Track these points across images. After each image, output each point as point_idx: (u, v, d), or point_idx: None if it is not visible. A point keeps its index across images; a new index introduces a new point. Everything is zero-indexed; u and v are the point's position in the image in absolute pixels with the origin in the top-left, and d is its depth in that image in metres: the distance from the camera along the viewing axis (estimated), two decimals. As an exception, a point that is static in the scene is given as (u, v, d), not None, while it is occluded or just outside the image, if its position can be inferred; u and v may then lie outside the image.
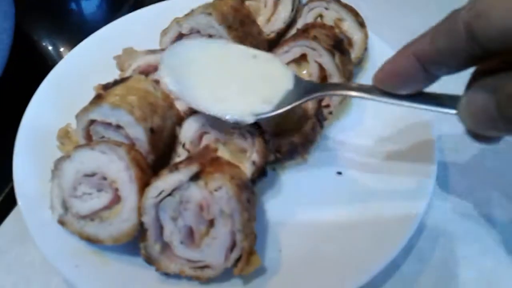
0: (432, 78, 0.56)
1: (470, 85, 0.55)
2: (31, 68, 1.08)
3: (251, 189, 0.70)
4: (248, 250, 0.66)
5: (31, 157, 0.80)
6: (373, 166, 0.83)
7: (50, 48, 1.17)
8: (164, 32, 0.90)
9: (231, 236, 0.65)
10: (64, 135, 0.83)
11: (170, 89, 0.72)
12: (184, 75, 0.73)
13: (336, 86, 0.72)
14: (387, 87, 0.60)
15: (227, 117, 0.69)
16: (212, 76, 0.74)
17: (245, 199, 0.66)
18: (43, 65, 1.08)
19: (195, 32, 0.88)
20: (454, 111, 0.57)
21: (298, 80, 0.72)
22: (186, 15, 0.87)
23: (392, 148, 0.84)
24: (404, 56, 0.55)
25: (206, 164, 0.66)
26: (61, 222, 0.72)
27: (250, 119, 0.69)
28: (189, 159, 0.67)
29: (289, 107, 0.69)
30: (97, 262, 0.72)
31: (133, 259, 0.72)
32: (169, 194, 0.67)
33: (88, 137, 0.79)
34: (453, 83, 0.60)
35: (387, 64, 0.59)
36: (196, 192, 0.66)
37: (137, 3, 1.20)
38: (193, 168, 0.65)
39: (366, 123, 0.89)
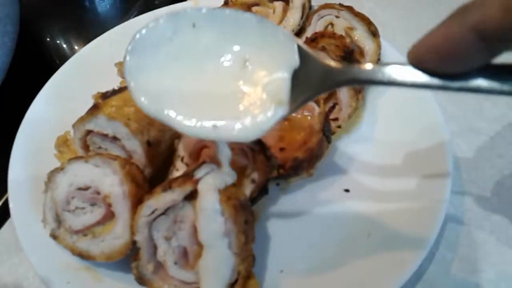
0: (494, 54, 0.43)
1: None
2: (37, 71, 1.06)
3: (250, 210, 0.66)
4: (245, 274, 0.63)
5: (27, 166, 0.78)
6: (382, 184, 0.79)
7: (56, 49, 1.15)
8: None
9: (224, 259, 0.61)
10: (63, 143, 0.81)
11: (141, 107, 0.54)
12: (157, 81, 0.54)
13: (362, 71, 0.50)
14: (435, 65, 0.46)
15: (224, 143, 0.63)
16: (192, 83, 0.54)
17: (242, 220, 0.62)
18: (49, 68, 1.06)
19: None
20: None
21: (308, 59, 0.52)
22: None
23: (404, 165, 0.79)
24: (457, 29, 0.43)
25: (202, 182, 0.63)
26: (53, 236, 0.70)
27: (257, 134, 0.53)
28: (185, 177, 0.64)
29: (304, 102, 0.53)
30: (89, 279, 0.69)
31: (126, 276, 0.69)
32: (163, 213, 0.64)
33: (85, 147, 0.76)
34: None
35: (430, 40, 0.46)
36: (191, 212, 0.62)
37: (147, 3, 1.18)
38: (188, 188, 0.61)
39: (377, 137, 0.85)
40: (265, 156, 0.69)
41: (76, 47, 1.14)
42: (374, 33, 0.85)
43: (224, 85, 0.54)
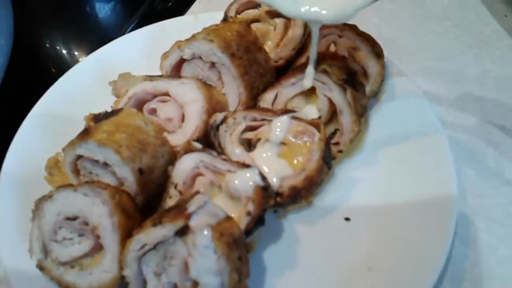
0: None
1: None
2: (34, 83, 1.03)
3: (244, 245, 0.63)
4: (238, 313, 0.60)
5: (15, 189, 0.75)
6: (384, 214, 0.75)
7: (55, 57, 1.13)
8: (165, 56, 0.84)
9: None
10: (54, 165, 0.78)
11: None
12: None
13: None
14: None
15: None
16: None
17: (235, 257, 0.60)
18: (48, 79, 1.04)
19: (197, 57, 0.81)
20: None
21: None
22: (188, 39, 0.81)
23: (407, 192, 0.76)
24: None
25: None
26: (40, 267, 0.67)
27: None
28: (176, 211, 0.60)
29: None
30: (76, 312, 0.67)
31: (115, 311, 0.66)
32: (153, 248, 0.61)
33: (76, 171, 0.73)
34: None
35: None
36: (181, 248, 0.59)
37: (148, 11, 1.15)
38: (179, 223, 0.58)
39: (379, 161, 0.81)
40: (261, 187, 0.66)
41: (76, 55, 1.12)
42: (378, 54, 0.82)
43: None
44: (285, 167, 0.73)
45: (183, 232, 0.59)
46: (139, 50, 0.94)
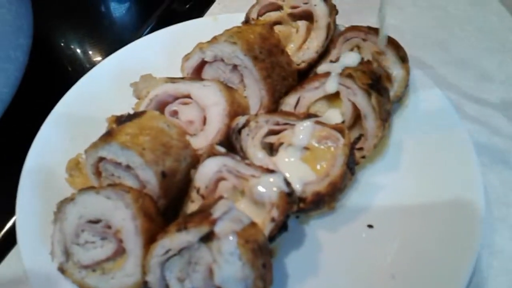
0: None
1: None
2: (52, 84, 1.03)
3: (268, 251, 0.62)
4: (262, 320, 0.59)
5: (36, 191, 0.75)
6: (408, 221, 0.74)
7: (72, 59, 1.12)
8: (186, 58, 0.83)
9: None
10: (75, 166, 0.78)
11: None
12: None
13: None
14: None
15: None
16: None
17: (260, 265, 0.59)
18: (65, 80, 1.03)
19: (219, 60, 0.81)
20: None
21: None
22: (210, 41, 0.80)
23: (431, 199, 0.75)
24: None
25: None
26: (61, 270, 0.67)
27: None
28: (201, 216, 0.60)
29: None
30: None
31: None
32: (177, 253, 0.60)
33: (98, 173, 0.73)
34: None
35: None
36: (206, 254, 0.59)
37: (166, 12, 1.15)
38: (204, 229, 0.58)
39: (403, 167, 0.80)
40: (286, 193, 0.65)
41: (91, 55, 1.11)
42: (403, 58, 0.81)
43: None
44: (308, 173, 0.72)
45: (208, 238, 0.58)
46: (159, 52, 0.94)
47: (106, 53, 0.97)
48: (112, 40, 1.12)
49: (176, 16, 1.11)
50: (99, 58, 1.07)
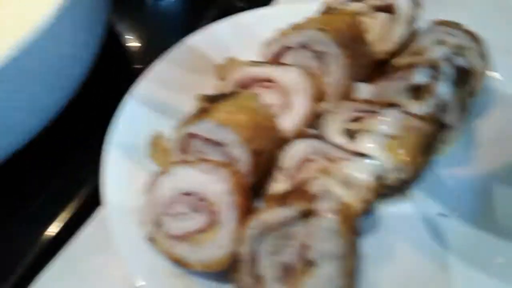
0: None
1: None
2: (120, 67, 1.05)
3: (358, 232, 0.63)
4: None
5: (121, 161, 0.77)
6: (483, 212, 0.75)
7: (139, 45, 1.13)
8: (268, 43, 0.85)
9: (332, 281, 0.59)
10: (158, 141, 0.80)
11: None
12: None
13: None
14: None
15: None
16: None
17: (355, 244, 0.60)
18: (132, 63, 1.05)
19: (301, 46, 0.82)
20: None
21: None
22: (294, 28, 0.82)
23: (508, 194, 0.75)
24: None
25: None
26: (151, 240, 0.68)
27: None
28: (299, 193, 0.61)
29: None
30: (181, 287, 0.68)
31: (221, 288, 0.67)
32: (273, 228, 0.61)
33: (183, 149, 0.75)
34: None
35: None
36: (302, 230, 0.60)
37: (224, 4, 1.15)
38: (304, 205, 0.59)
39: (477, 161, 0.81)
40: (377, 175, 0.66)
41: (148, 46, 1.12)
42: (483, 53, 0.81)
43: None
44: (391, 159, 0.73)
45: (307, 214, 0.60)
46: (232, 37, 0.95)
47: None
48: (173, 29, 1.13)
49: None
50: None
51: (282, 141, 0.73)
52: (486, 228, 0.74)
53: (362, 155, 0.68)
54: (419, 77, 0.75)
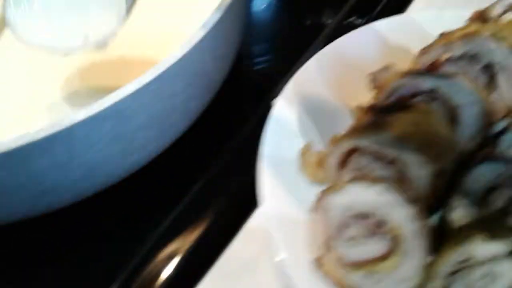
0: None
1: None
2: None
3: None
4: None
5: (275, 177, 0.71)
6: None
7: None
8: (424, 51, 0.77)
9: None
10: (307, 154, 0.74)
11: None
12: None
13: None
14: None
15: None
16: None
17: None
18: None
19: (466, 56, 0.74)
20: None
21: None
22: (461, 36, 0.74)
23: None
24: None
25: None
26: (318, 263, 0.63)
27: None
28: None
29: None
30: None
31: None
32: (475, 263, 0.55)
33: (341, 165, 0.69)
34: None
35: None
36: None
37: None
38: (519, 241, 0.52)
39: None
40: None
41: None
42: None
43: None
44: None
45: (514, 252, 0.52)
46: (377, 43, 0.88)
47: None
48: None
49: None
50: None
51: (464, 161, 0.66)
52: None
53: None
54: None
